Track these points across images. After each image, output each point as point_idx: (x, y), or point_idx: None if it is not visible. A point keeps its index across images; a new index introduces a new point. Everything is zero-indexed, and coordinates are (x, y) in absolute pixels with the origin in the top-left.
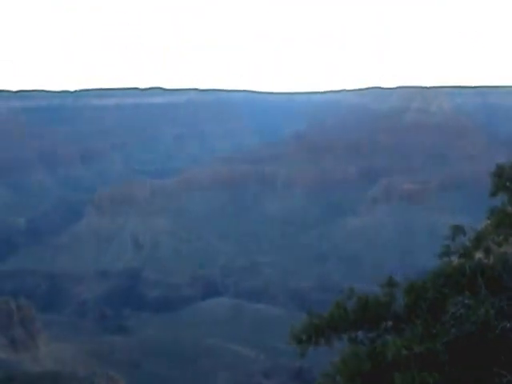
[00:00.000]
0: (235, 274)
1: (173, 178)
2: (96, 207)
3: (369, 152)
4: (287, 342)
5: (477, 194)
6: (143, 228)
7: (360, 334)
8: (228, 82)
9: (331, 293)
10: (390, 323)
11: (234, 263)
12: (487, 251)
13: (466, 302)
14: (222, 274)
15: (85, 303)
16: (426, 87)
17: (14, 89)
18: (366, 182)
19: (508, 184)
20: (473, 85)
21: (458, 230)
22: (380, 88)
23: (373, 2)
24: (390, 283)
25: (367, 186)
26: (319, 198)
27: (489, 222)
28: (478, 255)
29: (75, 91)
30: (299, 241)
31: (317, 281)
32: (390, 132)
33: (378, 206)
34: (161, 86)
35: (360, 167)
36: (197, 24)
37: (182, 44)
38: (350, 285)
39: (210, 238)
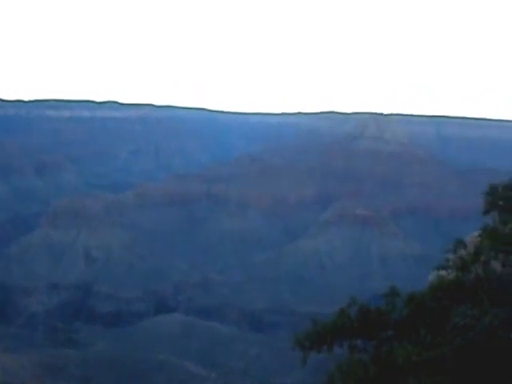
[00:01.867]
0: (188, 291)
1: (126, 192)
2: (49, 219)
3: (322, 176)
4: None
5: (428, 221)
6: (96, 242)
7: (360, 342)
8: (184, 99)
9: (282, 314)
10: (390, 332)
11: (187, 280)
12: (485, 265)
13: (470, 312)
14: (175, 290)
15: (35, 316)
16: (381, 114)
17: None
18: (320, 206)
19: (500, 203)
20: (428, 114)
21: (460, 244)
22: (335, 113)
23: (331, 28)
24: (393, 293)
25: (320, 210)
26: (272, 219)
27: (481, 238)
28: (475, 269)
29: (29, 101)
30: (252, 261)
31: (268, 301)
32: (344, 157)
33: (330, 230)
34: (116, 100)
35: (313, 191)
36: (155, 40)
37: (139, 59)
38: (301, 307)
39: (162, 254)
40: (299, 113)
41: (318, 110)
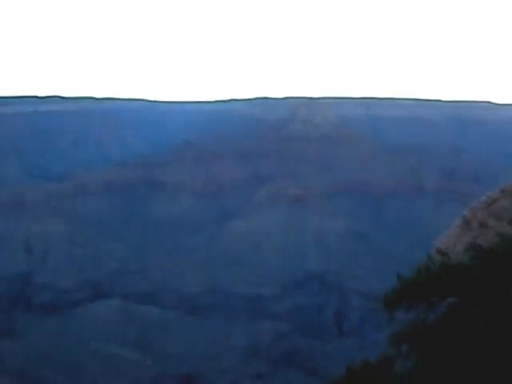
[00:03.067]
0: (124, 277)
1: (66, 182)
2: None
3: (256, 159)
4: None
5: (359, 199)
6: (35, 231)
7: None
8: (125, 91)
9: (219, 296)
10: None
11: (124, 266)
12: None
13: None
14: (112, 276)
15: None
16: (311, 98)
17: None
18: (254, 188)
19: None
20: (356, 96)
21: None
22: (268, 98)
23: (264, 17)
24: (475, 247)
25: (254, 191)
26: (207, 202)
27: None
28: None
29: None
30: (187, 244)
31: (205, 284)
32: (277, 141)
33: (264, 210)
34: (59, 94)
35: (247, 173)
36: (95, 34)
37: (80, 54)
38: (237, 289)
39: (100, 242)
40: (232, 100)
41: (251, 97)
